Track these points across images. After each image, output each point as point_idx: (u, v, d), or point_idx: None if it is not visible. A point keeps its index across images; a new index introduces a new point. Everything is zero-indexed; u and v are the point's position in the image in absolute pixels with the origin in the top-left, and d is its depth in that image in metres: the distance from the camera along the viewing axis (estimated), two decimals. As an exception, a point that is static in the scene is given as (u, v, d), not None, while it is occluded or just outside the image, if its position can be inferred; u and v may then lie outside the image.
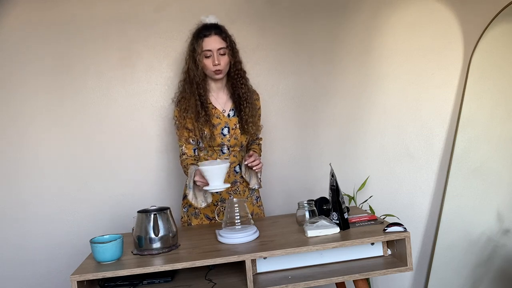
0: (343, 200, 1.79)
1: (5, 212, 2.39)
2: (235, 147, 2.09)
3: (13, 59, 2.36)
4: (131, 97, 2.45)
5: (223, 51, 1.99)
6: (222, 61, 1.99)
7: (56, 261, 2.42)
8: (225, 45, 1.99)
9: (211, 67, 1.98)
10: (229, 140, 2.06)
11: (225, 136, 2.06)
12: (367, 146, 2.65)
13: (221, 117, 2.07)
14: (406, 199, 2.69)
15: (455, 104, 2.69)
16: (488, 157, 2.67)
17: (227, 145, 2.07)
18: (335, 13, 2.58)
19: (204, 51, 1.97)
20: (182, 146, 2.07)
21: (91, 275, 1.51)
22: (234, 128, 2.07)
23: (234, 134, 2.07)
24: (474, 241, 2.66)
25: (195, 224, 2.10)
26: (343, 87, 2.61)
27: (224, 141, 2.06)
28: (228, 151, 2.08)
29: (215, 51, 1.97)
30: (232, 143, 2.07)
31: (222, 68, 2.00)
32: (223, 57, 2.00)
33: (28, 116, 2.39)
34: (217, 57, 1.97)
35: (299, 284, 1.55)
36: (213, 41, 1.98)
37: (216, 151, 2.07)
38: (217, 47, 1.98)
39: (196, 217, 2.10)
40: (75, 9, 2.39)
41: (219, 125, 2.06)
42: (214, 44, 1.97)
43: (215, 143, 2.04)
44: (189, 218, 2.12)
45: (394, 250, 1.70)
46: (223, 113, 2.08)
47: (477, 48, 2.65)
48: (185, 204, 2.16)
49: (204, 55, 1.98)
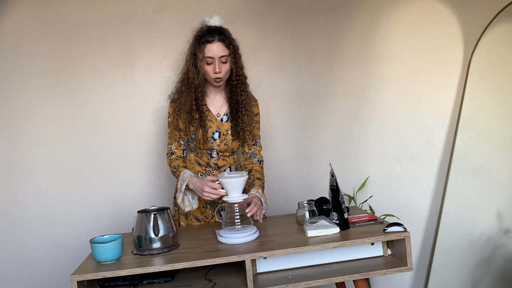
0: (343, 200, 1.79)
1: (5, 212, 2.39)
2: (224, 152, 2.06)
3: (12, 59, 2.36)
4: (131, 97, 2.45)
5: (225, 59, 1.93)
6: (223, 69, 1.93)
7: (56, 261, 2.42)
8: (227, 52, 1.93)
9: (211, 74, 1.94)
10: (219, 145, 2.03)
11: (215, 141, 2.03)
12: (367, 146, 2.65)
13: (214, 121, 2.03)
14: (406, 199, 2.69)
15: (455, 104, 2.70)
16: (488, 157, 2.67)
17: (216, 150, 2.04)
18: (335, 13, 2.58)
19: (206, 58, 1.91)
20: (172, 144, 2.05)
21: (91, 275, 1.51)
22: (225, 133, 2.03)
23: (225, 140, 2.03)
24: (474, 241, 2.66)
25: (185, 224, 2.10)
26: (343, 87, 2.61)
27: (214, 145, 2.03)
28: (217, 155, 2.05)
29: (217, 58, 1.91)
30: (222, 149, 2.04)
31: (223, 76, 1.95)
32: (225, 65, 1.94)
33: (27, 116, 2.39)
34: (218, 65, 1.91)
35: (299, 284, 1.55)
36: (216, 48, 1.91)
37: (206, 154, 2.04)
38: (220, 54, 1.91)
39: (186, 217, 2.10)
40: (75, 9, 2.39)
41: (210, 129, 2.02)
42: (216, 52, 1.91)
43: (205, 146, 2.02)
44: (179, 218, 2.12)
45: (394, 250, 1.70)
46: (217, 117, 2.04)
47: (477, 48, 2.65)
48: (175, 203, 2.14)
49: (205, 61, 1.92)
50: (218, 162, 2.05)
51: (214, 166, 2.05)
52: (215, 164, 2.05)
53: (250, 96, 2.09)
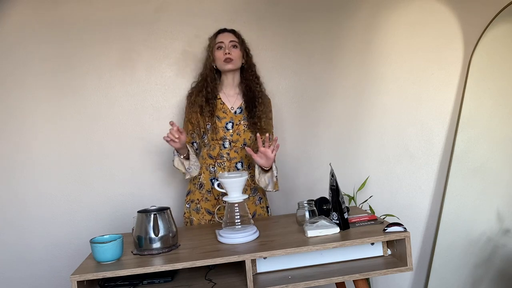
0: (343, 200, 1.79)
1: (5, 212, 2.39)
2: (237, 143, 2.13)
3: (12, 59, 2.36)
4: (131, 97, 2.45)
5: (235, 43, 2.14)
6: (233, 51, 2.12)
7: (56, 261, 2.42)
8: (237, 40, 2.15)
9: (221, 56, 2.11)
10: (232, 135, 2.12)
11: (228, 131, 2.12)
12: (367, 146, 2.65)
13: (228, 112, 2.14)
14: (406, 199, 2.69)
15: (455, 104, 2.70)
16: (488, 157, 2.67)
17: (229, 140, 2.12)
18: (335, 13, 2.58)
19: (217, 43, 2.13)
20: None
21: (91, 275, 1.51)
22: (238, 124, 2.14)
23: (237, 130, 2.13)
24: (474, 241, 2.66)
25: (197, 219, 2.13)
26: (343, 87, 2.61)
27: (226, 135, 2.12)
28: (230, 146, 2.12)
29: (227, 42, 2.12)
30: (234, 138, 2.13)
31: (233, 58, 2.11)
32: (235, 49, 2.13)
33: (27, 116, 2.39)
34: (228, 48, 2.11)
35: (299, 284, 1.55)
36: (226, 35, 2.15)
37: (219, 144, 2.12)
38: (229, 39, 2.14)
39: (198, 211, 2.13)
40: (75, 9, 2.39)
41: (224, 119, 2.13)
42: (226, 37, 2.14)
43: (218, 136, 2.11)
44: (191, 214, 2.15)
45: (394, 250, 1.70)
46: (231, 110, 2.15)
47: (477, 48, 2.65)
48: (188, 200, 2.19)
49: (217, 46, 2.13)
50: (230, 153, 2.12)
51: (227, 156, 2.12)
52: (227, 154, 2.12)
53: (265, 94, 2.24)
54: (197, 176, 2.15)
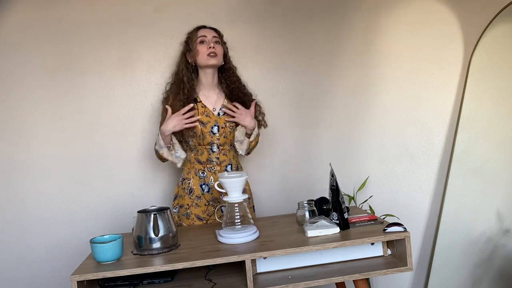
0: (343, 200, 1.79)
1: (5, 212, 2.38)
2: (224, 146, 2.11)
3: (12, 59, 2.36)
4: (131, 97, 2.45)
5: (217, 40, 2.10)
6: (217, 47, 2.07)
7: (56, 261, 2.42)
8: (219, 37, 2.12)
9: (205, 51, 2.05)
10: (219, 138, 2.09)
11: (215, 135, 2.09)
12: (367, 146, 2.65)
13: (211, 116, 2.10)
14: (406, 199, 2.69)
15: (455, 104, 2.70)
16: (488, 157, 2.67)
17: (216, 144, 2.09)
18: (335, 13, 2.58)
19: (200, 37, 2.07)
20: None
21: (91, 275, 1.51)
22: (224, 126, 2.10)
23: (224, 133, 2.10)
24: (474, 241, 2.66)
25: (186, 224, 2.10)
26: (343, 87, 2.61)
27: (214, 139, 2.08)
28: (218, 149, 2.10)
29: (210, 37, 2.08)
30: (221, 142, 2.10)
31: (217, 53, 2.06)
32: (218, 45, 2.09)
33: (27, 116, 2.38)
34: (212, 43, 2.07)
35: (299, 284, 1.55)
36: (209, 31, 2.11)
37: (206, 149, 2.09)
38: (212, 35, 2.09)
39: (188, 217, 2.10)
40: (75, 9, 2.39)
41: (209, 123, 2.08)
42: (209, 33, 2.10)
43: (205, 141, 2.07)
44: (180, 219, 2.13)
45: (394, 250, 1.70)
46: (213, 111, 2.10)
47: (477, 48, 2.65)
48: (176, 205, 2.16)
49: (199, 41, 2.07)
50: (219, 157, 2.09)
51: (216, 160, 2.09)
52: (217, 158, 2.09)
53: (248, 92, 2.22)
54: (186, 181, 2.11)
